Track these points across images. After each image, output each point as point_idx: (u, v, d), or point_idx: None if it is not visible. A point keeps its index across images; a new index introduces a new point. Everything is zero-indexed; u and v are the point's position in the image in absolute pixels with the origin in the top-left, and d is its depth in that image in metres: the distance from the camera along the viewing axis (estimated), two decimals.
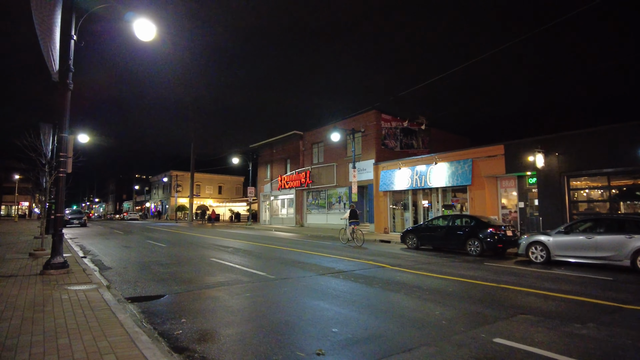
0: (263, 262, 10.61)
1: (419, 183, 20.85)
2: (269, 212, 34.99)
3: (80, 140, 22.45)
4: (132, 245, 14.85)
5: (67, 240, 16.02)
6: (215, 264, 9.99)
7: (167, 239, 18.64)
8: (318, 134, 29.84)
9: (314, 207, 29.72)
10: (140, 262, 10.18)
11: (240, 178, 72.16)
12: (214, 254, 12.09)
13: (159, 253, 12.41)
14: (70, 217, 31.66)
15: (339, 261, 10.76)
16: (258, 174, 37.14)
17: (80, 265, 8.68)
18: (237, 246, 14.96)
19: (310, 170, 29.48)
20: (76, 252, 11.58)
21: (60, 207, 7.62)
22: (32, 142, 10.40)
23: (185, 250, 13.44)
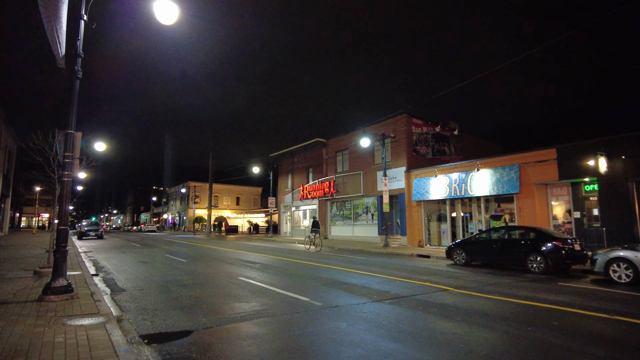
0: (299, 282, 9.09)
1: (457, 192, 19.13)
2: (290, 224, 33.52)
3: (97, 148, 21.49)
4: (149, 261, 13.52)
5: (80, 255, 14.83)
6: (244, 285, 8.51)
7: (186, 252, 17.31)
8: (342, 141, 28.39)
9: (339, 218, 28.13)
10: (159, 282, 8.77)
11: (258, 189, 71.11)
12: (241, 272, 10.63)
13: (180, 270, 11.02)
14: (86, 229, 30.82)
15: (388, 282, 9.17)
16: (278, 183, 35.81)
17: (89, 287, 7.30)
18: (263, 261, 13.49)
19: (335, 180, 27.97)
20: (87, 269, 10.27)
21: (63, 217, 6.28)
22: (39, 145, 9.18)
23: (207, 266, 12.02)
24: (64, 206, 6.26)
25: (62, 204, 6.27)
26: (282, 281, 9.14)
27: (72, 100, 6.49)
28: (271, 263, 13.02)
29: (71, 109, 6.44)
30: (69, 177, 6.31)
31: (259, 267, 11.75)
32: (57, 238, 6.19)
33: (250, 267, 11.72)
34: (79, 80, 6.66)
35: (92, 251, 17.94)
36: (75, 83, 6.58)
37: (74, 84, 6.56)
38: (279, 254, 16.98)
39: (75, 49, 6.65)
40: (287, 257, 15.15)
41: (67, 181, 6.28)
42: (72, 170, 6.36)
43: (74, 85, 6.55)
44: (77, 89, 6.60)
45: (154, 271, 10.74)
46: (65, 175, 6.27)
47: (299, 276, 10.01)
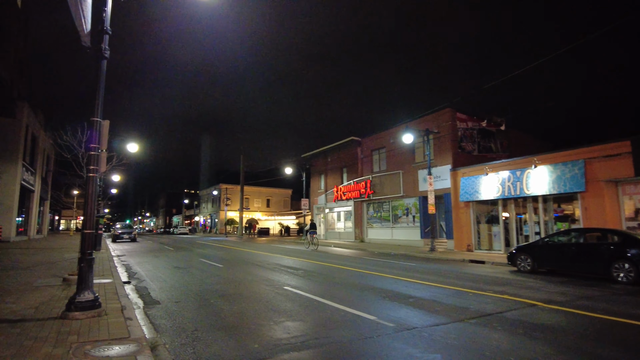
0: (354, 293, 7.90)
1: (511, 191, 17.45)
2: (323, 226, 32.41)
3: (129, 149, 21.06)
4: (184, 266, 12.67)
5: (113, 259, 14.18)
6: (292, 297, 7.40)
7: (221, 256, 16.45)
8: (379, 139, 27.03)
9: (376, 220, 26.76)
10: (196, 292, 7.79)
11: (288, 191, 70.50)
12: (284, 279, 9.54)
13: (217, 277, 10.05)
14: (120, 231, 30.74)
15: (459, 295, 7.83)
16: (311, 185, 34.78)
17: (119, 299, 6.37)
18: (304, 266, 12.38)
19: (371, 180, 26.65)
20: (119, 276, 9.44)
21: (89, 219, 5.34)
22: (68, 142, 8.42)
23: (246, 272, 11.01)
24: (90, 206, 5.33)
25: (88, 203, 5.34)
26: (334, 292, 7.97)
27: (99, 83, 5.57)
28: (313, 269, 11.89)
29: (97, 92, 5.52)
30: (96, 172, 5.37)
31: (302, 274, 10.64)
32: (82, 244, 5.25)
33: (292, 274, 10.62)
34: (106, 60, 5.74)
35: (125, 255, 17.37)
36: (102, 63, 5.66)
37: (101, 64, 5.64)
38: (318, 258, 15.85)
39: (101, 24, 5.74)
40: (327, 262, 14.00)
41: (93, 177, 5.35)
42: (99, 165, 5.42)
43: (100, 65, 5.63)
44: (104, 70, 5.68)
45: (190, 278, 9.81)
46: (91, 170, 5.34)
47: (351, 286, 8.81)
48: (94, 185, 5.36)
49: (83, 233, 5.27)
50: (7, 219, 22.13)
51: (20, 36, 35.12)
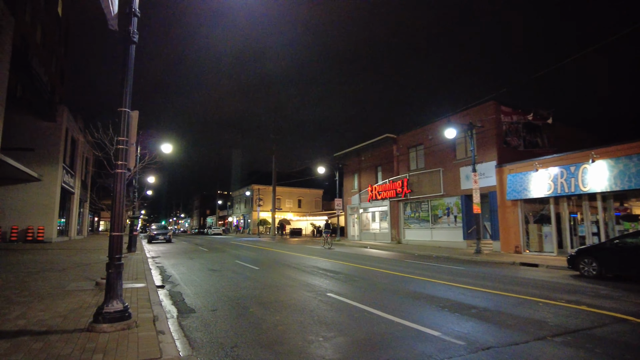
0: (405, 302, 7.08)
1: (565, 188, 16.04)
2: (357, 227, 31.54)
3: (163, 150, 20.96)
4: (219, 268, 12.20)
5: (148, 261, 13.93)
6: (338, 305, 6.67)
7: (255, 258, 15.96)
8: (416, 136, 25.92)
9: (414, 220, 25.65)
10: (233, 298, 7.20)
11: (319, 191, 70.01)
12: (325, 284, 8.84)
13: (254, 281, 9.47)
14: (155, 232, 31.03)
15: (526, 304, 6.86)
16: (344, 184, 33.98)
17: (152, 307, 5.84)
18: (344, 270, 11.63)
19: (408, 178, 25.57)
20: (152, 279, 9.02)
21: (117, 220, 4.81)
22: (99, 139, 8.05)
23: (282, 275, 10.39)
24: (118, 206, 4.80)
25: (116, 203, 4.81)
26: (384, 300, 7.18)
27: (127, 69, 5.04)
28: (354, 273, 11.12)
29: (125, 80, 4.99)
30: (124, 168, 4.84)
31: (344, 279, 9.90)
32: (111, 248, 4.73)
33: (333, 278, 9.90)
34: (135, 45, 5.21)
35: (160, 256, 17.20)
36: (130, 48, 5.13)
37: (129, 49, 5.11)
38: (357, 260, 15.06)
39: (129, 6, 5.21)
40: (369, 266, 13.18)
41: (121, 173, 4.82)
42: (127, 160, 4.89)
43: (128, 50, 5.11)
44: (133, 55, 5.15)
45: (226, 282, 9.27)
46: (119, 165, 4.81)
47: (401, 293, 7.99)
48: (121, 182, 4.83)
49: (111, 236, 4.74)
50: (49, 220, 22.60)
51: (61, 44, 36.29)
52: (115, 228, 4.76)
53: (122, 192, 4.82)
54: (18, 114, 22.32)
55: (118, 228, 4.77)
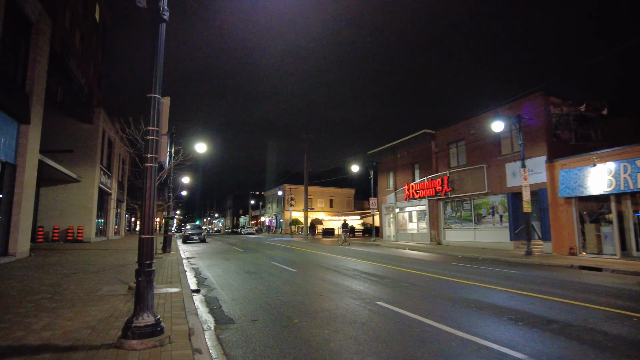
0: (469, 313, 6.19)
1: (629, 184, 14.51)
2: (393, 227, 30.47)
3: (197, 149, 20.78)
4: (256, 270, 11.65)
5: (183, 262, 13.59)
6: (392, 317, 5.89)
7: (291, 259, 15.36)
8: (456, 131, 24.62)
9: (455, 220, 24.36)
10: (274, 307, 6.55)
11: (351, 190, 69.09)
12: (370, 290, 8.06)
13: (293, 285, 8.81)
14: (190, 232, 31.13)
15: (618, 319, 5.83)
16: (378, 183, 32.96)
17: (187, 317, 5.26)
18: (385, 273, 10.79)
19: (449, 176, 24.32)
20: (187, 283, 8.53)
21: (147, 221, 4.23)
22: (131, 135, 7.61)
23: (323, 279, 9.68)
24: (148, 205, 4.22)
25: (145, 202, 4.23)
26: (443, 311, 6.33)
27: (156, 51, 4.46)
28: (400, 277, 10.27)
29: (155, 63, 4.41)
30: (154, 162, 4.25)
31: (390, 284, 9.08)
32: (140, 253, 4.15)
33: (378, 284, 9.10)
34: (165, 24, 4.62)
35: (195, 257, 16.91)
36: (161, 27, 4.56)
37: (159, 28, 4.54)
38: (398, 263, 14.16)
39: None
40: (412, 269, 12.28)
41: (150, 167, 4.24)
42: (158, 152, 4.30)
43: (158, 29, 4.53)
44: (163, 35, 4.57)
45: (264, 286, 8.66)
46: (148, 159, 4.23)
47: (459, 301, 7.09)
48: (152, 177, 4.25)
49: (140, 239, 4.16)
50: (87, 220, 22.93)
51: (99, 49, 37.21)
52: (145, 230, 4.18)
53: (152, 189, 4.24)
54: (58, 116, 22.77)
55: (148, 230, 4.18)
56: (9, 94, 11.87)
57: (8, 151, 12.22)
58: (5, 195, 12.37)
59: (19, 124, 12.81)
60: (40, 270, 9.94)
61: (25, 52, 13.17)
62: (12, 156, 12.51)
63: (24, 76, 13.13)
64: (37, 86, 13.55)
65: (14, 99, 12.17)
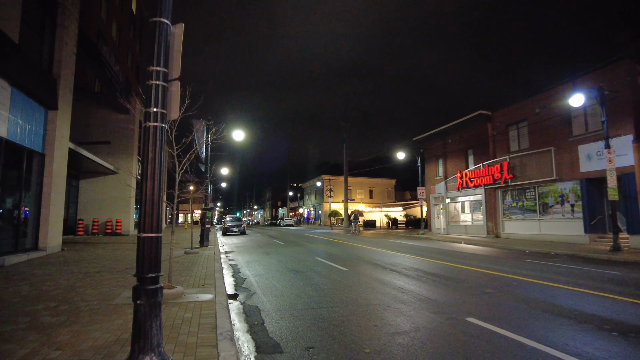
0: (595, 334, 4.36)
1: None
2: (444, 218, 28.22)
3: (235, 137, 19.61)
4: (301, 268, 10.18)
5: (220, 257, 12.37)
6: (490, 339, 4.17)
7: (337, 254, 13.81)
8: (518, 110, 22.02)
9: (516, 210, 21.89)
10: (333, 324, 5.00)
11: (392, 180, 66.64)
12: (448, 299, 6.34)
13: (348, 290, 7.24)
14: (230, 224, 30.32)
15: None
16: (426, 171, 30.69)
17: (217, 347, 3.80)
18: (453, 274, 8.98)
19: (509, 161, 21.84)
20: (223, 285, 7.14)
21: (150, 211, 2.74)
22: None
23: (382, 282, 8.03)
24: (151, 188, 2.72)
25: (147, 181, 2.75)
26: (552, 331, 4.53)
27: None
28: (475, 280, 8.44)
29: None
30: (159, 120, 2.76)
31: (467, 288, 7.29)
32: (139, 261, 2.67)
33: (452, 287, 7.34)
34: None
35: (234, 251, 15.74)
36: None
37: None
38: (461, 260, 12.26)
39: None
40: (481, 268, 10.36)
41: (155, 128, 2.76)
42: (166, 105, 2.79)
43: None
44: None
45: (314, 291, 7.14)
46: (150, 115, 2.73)
47: (564, 314, 5.23)
48: (157, 144, 2.76)
49: (140, 240, 2.68)
50: (126, 213, 22.45)
51: (136, 41, 37.05)
52: (147, 224, 2.69)
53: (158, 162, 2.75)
54: (95, 108, 22.34)
55: (151, 224, 2.70)
56: (34, 77, 10.98)
57: (35, 139, 11.38)
58: (34, 186, 11.58)
59: (47, 110, 11.96)
60: (63, 268, 8.94)
61: (51, 33, 12.27)
62: (40, 144, 11.68)
63: (50, 59, 12.26)
64: (64, 70, 12.67)
65: (40, 83, 11.29)
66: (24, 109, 10.66)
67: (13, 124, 10.10)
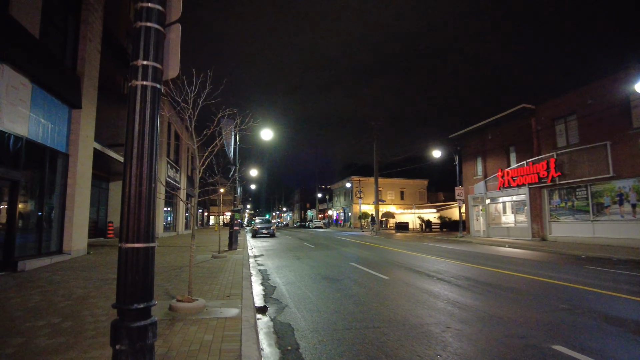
0: None
1: None
2: (483, 220, 26.58)
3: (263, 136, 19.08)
4: (335, 276, 9.25)
5: (249, 262, 11.61)
6: None
7: (372, 259, 12.79)
8: (565, 103, 20.29)
9: (565, 211, 20.13)
10: (381, 350, 4.04)
11: (423, 181, 64.69)
12: (519, 316, 5.25)
13: (394, 304, 6.24)
14: (259, 226, 29.78)
15: None
16: (463, 171, 29.11)
17: None
18: (510, 284, 7.80)
19: (556, 158, 20.14)
20: (251, 297, 6.30)
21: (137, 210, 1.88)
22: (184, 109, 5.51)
23: (431, 294, 6.98)
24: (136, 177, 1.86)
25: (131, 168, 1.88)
26: None
27: None
28: (539, 291, 7.24)
29: None
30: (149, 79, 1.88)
31: (533, 302, 6.14)
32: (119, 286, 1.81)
33: (518, 301, 6.21)
34: None
35: (263, 255, 15.00)
36: None
37: None
38: (512, 266, 10.97)
39: None
40: (538, 275, 9.09)
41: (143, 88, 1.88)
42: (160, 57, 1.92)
43: None
44: None
45: (353, 304, 6.19)
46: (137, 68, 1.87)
47: None
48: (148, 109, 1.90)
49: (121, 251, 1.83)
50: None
51: None
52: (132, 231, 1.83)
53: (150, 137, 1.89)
54: (124, 109, 22.23)
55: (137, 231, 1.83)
56: (57, 74, 10.58)
57: (58, 139, 10.98)
58: (58, 188, 11.18)
59: (70, 109, 11.57)
60: (83, 274, 8.38)
61: (74, 29, 11.90)
62: (64, 144, 11.29)
63: (74, 56, 11.88)
64: (88, 67, 12.28)
65: (63, 80, 10.89)
66: (46, 107, 10.26)
67: (34, 122, 9.69)
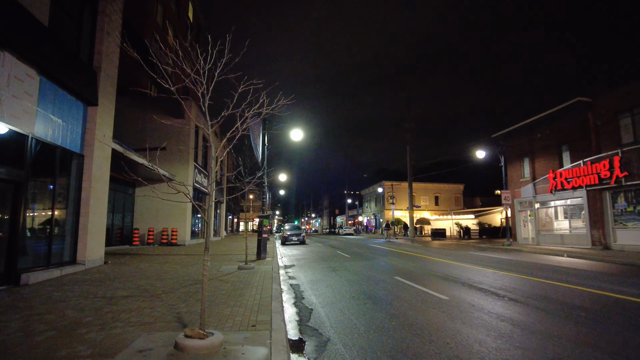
0: None
1: None
2: (532, 226, 24.29)
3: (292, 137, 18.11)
4: (381, 294, 7.75)
5: (279, 274, 10.27)
6: None
7: (416, 271, 11.17)
8: (630, 93, 18.02)
9: (634, 217, 17.76)
10: None
11: (459, 186, 61.91)
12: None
13: (468, 337, 4.72)
14: (289, 233, 28.56)
15: None
16: (507, 173, 26.87)
17: None
18: (591, 304, 6.09)
19: (620, 156, 17.87)
20: (283, 325, 4.92)
21: None
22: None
23: (507, 320, 5.41)
24: None
25: None
26: None
27: None
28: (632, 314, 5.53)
29: None
30: None
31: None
32: None
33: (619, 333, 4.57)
34: None
35: (294, 265, 13.65)
36: None
37: None
38: (583, 280, 9.11)
39: None
40: (622, 294, 7.28)
41: None
42: None
43: None
44: None
45: (420, 340, 4.70)
46: None
47: None
48: None
49: None
50: (181, 221, 21.36)
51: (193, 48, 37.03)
52: None
53: None
54: (150, 112, 21.58)
55: None
56: (70, 67, 9.68)
57: (72, 138, 10.06)
58: (72, 192, 10.25)
59: (86, 106, 10.66)
60: (89, 289, 7.26)
61: (91, 20, 11.05)
62: (78, 144, 10.36)
63: (90, 51, 11.01)
64: (106, 62, 11.38)
65: (77, 74, 9.98)
66: (57, 103, 9.34)
67: (42, 118, 8.76)
